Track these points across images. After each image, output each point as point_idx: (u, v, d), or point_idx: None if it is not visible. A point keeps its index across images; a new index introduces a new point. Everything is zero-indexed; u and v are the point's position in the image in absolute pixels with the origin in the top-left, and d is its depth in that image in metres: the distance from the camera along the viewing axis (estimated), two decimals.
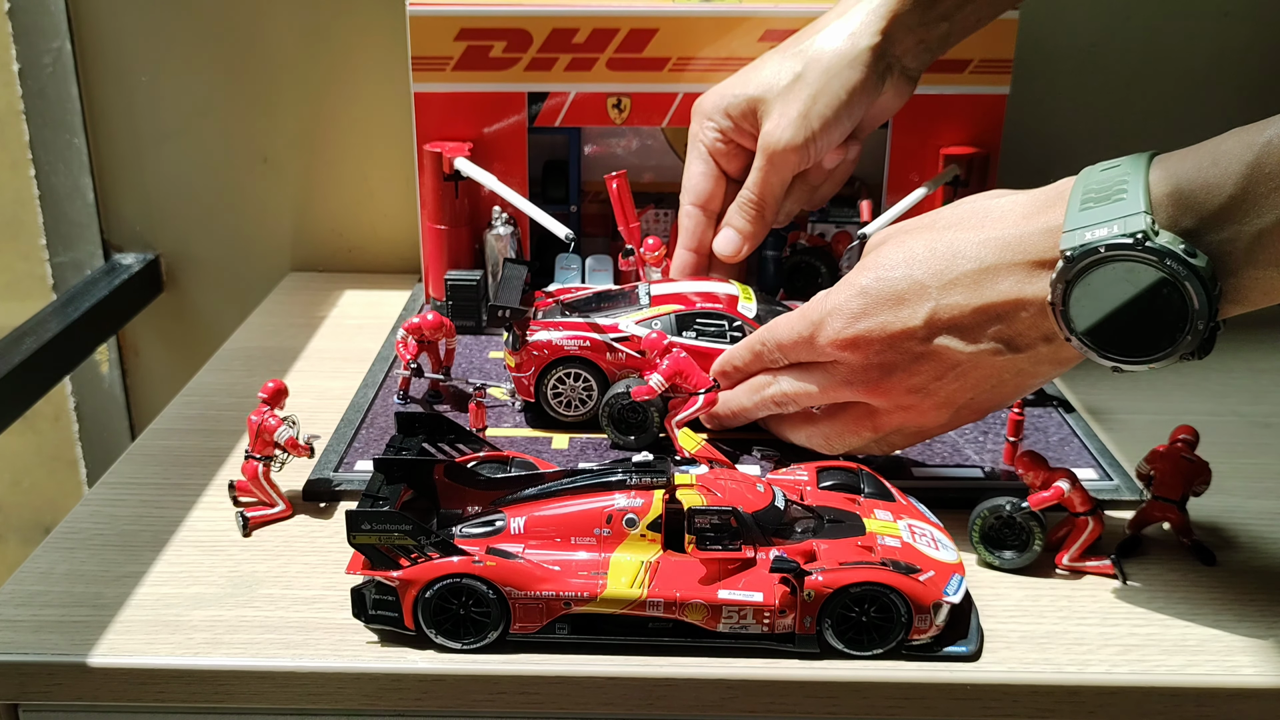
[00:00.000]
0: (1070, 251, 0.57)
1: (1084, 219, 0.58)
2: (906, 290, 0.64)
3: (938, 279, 0.63)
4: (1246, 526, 0.71)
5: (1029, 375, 0.64)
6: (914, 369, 0.65)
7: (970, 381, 0.65)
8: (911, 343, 0.64)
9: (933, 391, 0.66)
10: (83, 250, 1.14)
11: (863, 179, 1.01)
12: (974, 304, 0.62)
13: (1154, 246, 0.55)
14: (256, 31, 1.08)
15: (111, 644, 0.60)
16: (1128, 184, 0.57)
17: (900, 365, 0.65)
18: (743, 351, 0.74)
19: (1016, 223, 0.61)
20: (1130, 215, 0.56)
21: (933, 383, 0.65)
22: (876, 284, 0.65)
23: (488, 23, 0.91)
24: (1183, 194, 0.56)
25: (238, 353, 0.96)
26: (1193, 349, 0.57)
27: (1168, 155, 0.58)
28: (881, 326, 0.65)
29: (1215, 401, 0.87)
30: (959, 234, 0.63)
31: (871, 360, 0.66)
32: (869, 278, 0.66)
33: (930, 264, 0.63)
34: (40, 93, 1.09)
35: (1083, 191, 0.59)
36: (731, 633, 0.59)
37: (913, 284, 0.64)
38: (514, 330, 0.78)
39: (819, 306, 0.68)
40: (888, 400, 0.67)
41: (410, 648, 0.59)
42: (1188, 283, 0.55)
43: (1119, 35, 1.07)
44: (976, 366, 0.64)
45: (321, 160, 1.12)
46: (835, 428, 0.71)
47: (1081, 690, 0.58)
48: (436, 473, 0.65)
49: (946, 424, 0.68)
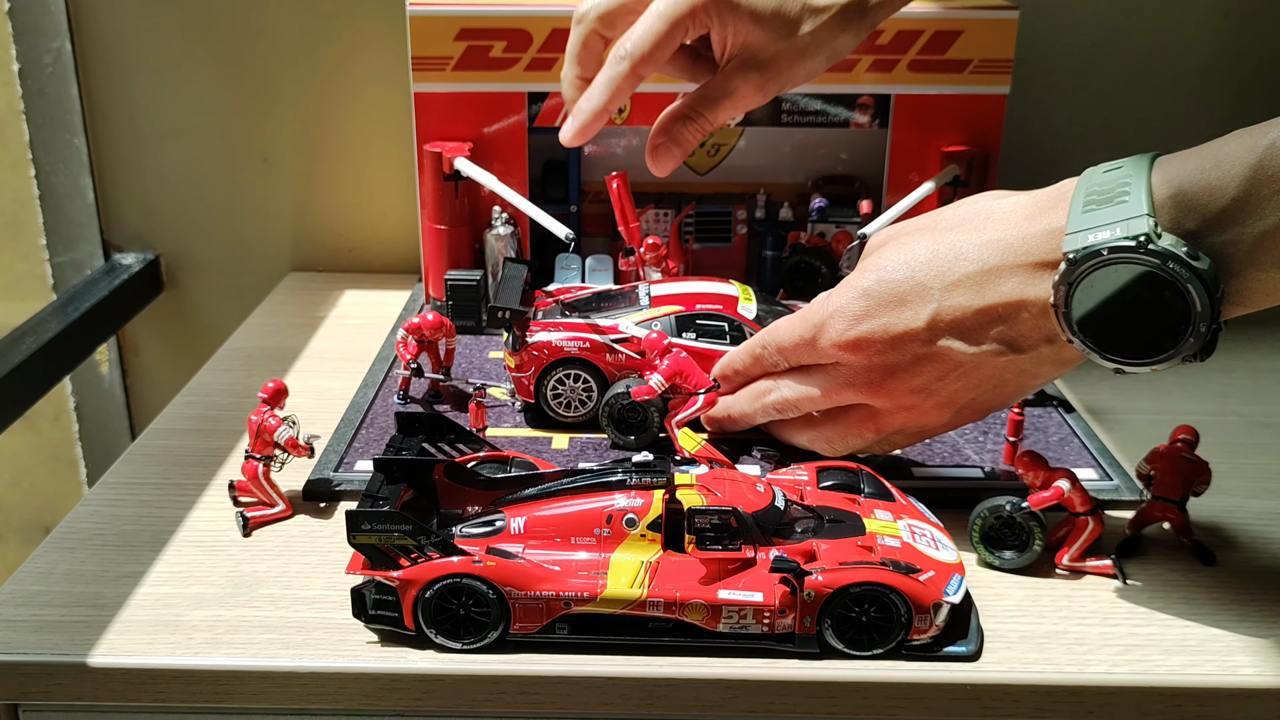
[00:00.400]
0: (1073, 254, 0.57)
1: (1086, 221, 0.58)
2: (909, 292, 0.64)
3: (940, 280, 0.63)
4: (1246, 526, 0.71)
5: (1031, 376, 0.64)
6: (916, 370, 0.65)
7: (972, 382, 0.65)
8: (914, 344, 0.64)
9: (935, 392, 0.66)
10: (83, 250, 1.14)
11: (863, 179, 1.01)
12: (976, 305, 0.62)
13: (1156, 249, 0.55)
14: (256, 32, 1.08)
15: (111, 644, 0.60)
16: (1130, 186, 0.57)
17: (903, 366, 0.65)
18: (743, 355, 0.74)
19: (1019, 224, 0.61)
20: (1133, 218, 0.56)
21: (935, 383, 0.65)
22: (878, 286, 0.65)
23: (488, 23, 0.91)
24: (1185, 196, 0.56)
25: (238, 353, 0.96)
26: (1195, 351, 0.57)
27: (1170, 157, 0.58)
28: (884, 328, 0.65)
29: (1215, 401, 0.87)
30: (961, 235, 0.63)
31: (874, 361, 0.66)
32: (871, 279, 0.66)
33: (932, 265, 0.63)
34: (40, 93, 1.09)
35: (1085, 193, 0.59)
36: (731, 633, 0.59)
37: (915, 285, 0.64)
38: (514, 331, 0.78)
39: (820, 309, 0.68)
40: (890, 401, 0.67)
41: (410, 648, 0.59)
42: (1190, 285, 0.55)
43: (1119, 35, 1.07)
44: (979, 367, 0.64)
45: (321, 160, 1.12)
46: (837, 429, 0.71)
47: (1082, 690, 0.58)
48: (436, 473, 0.65)
49: (948, 424, 0.68)
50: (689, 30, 0.77)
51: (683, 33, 0.77)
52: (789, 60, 0.78)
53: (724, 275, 0.86)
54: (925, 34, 0.91)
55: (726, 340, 0.79)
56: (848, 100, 0.95)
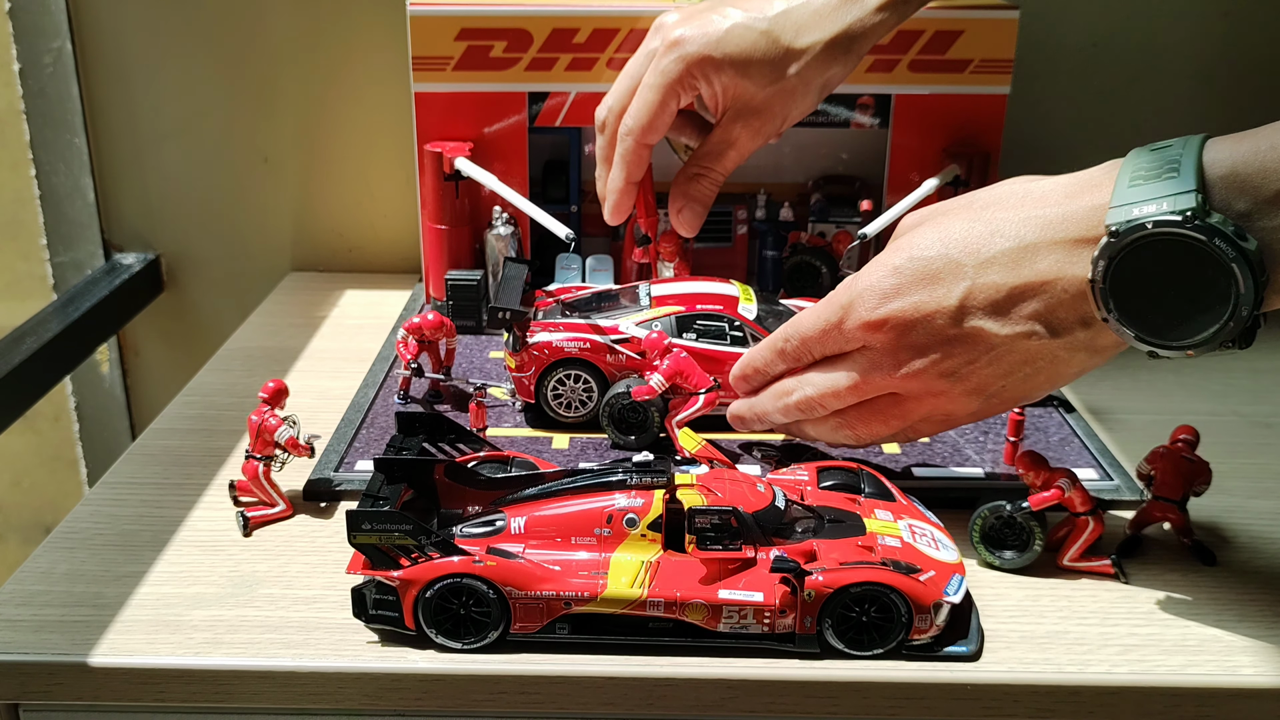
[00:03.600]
0: (1116, 227, 0.56)
1: (1132, 195, 0.56)
2: (942, 269, 0.62)
3: (974, 257, 0.61)
4: (1246, 526, 0.71)
5: (1063, 364, 0.62)
6: (947, 352, 0.63)
7: (1003, 367, 0.63)
8: (945, 323, 0.62)
9: (965, 376, 0.64)
10: (83, 250, 1.14)
11: (863, 179, 1.01)
12: (1011, 283, 0.60)
13: (1204, 225, 0.54)
14: (256, 32, 1.08)
15: (112, 644, 0.60)
16: (1180, 163, 0.56)
17: (932, 348, 0.63)
18: (764, 352, 0.72)
19: (1059, 202, 0.60)
20: (1181, 193, 0.55)
21: (965, 367, 0.63)
22: (910, 263, 0.63)
23: (488, 23, 0.91)
24: (1238, 177, 0.54)
25: (238, 353, 0.96)
26: (1233, 336, 0.55)
27: (1223, 138, 0.56)
28: (915, 306, 0.63)
29: (1215, 401, 0.87)
30: (998, 213, 0.62)
31: (903, 342, 0.64)
32: (903, 257, 0.64)
33: (967, 242, 0.62)
34: (40, 93, 1.09)
35: (1131, 170, 0.58)
36: (732, 633, 0.59)
37: (948, 262, 0.62)
38: (514, 331, 0.78)
39: (847, 290, 0.66)
40: (918, 384, 0.65)
41: (410, 648, 0.59)
42: (1236, 265, 0.54)
43: (1119, 35, 1.07)
44: (1011, 350, 0.62)
45: (321, 160, 1.12)
46: (862, 416, 0.69)
47: (1082, 690, 0.58)
48: (437, 473, 0.65)
49: (976, 412, 0.66)
50: (680, 96, 0.80)
51: (675, 99, 0.80)
52: (780, 103, 0.80)
53: (724, 275, 0.86)
54: (925, 34, 0.92)
55: (726, 340, 0.79)
56: (848, 100, 0.95)
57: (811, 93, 0.81)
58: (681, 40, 0.79)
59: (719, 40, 0.78)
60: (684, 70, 0.78)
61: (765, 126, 0.81)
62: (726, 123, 0.81)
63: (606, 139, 0.85)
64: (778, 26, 0.78)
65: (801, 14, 0.78)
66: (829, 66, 0.79)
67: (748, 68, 0.78)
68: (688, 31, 0.79)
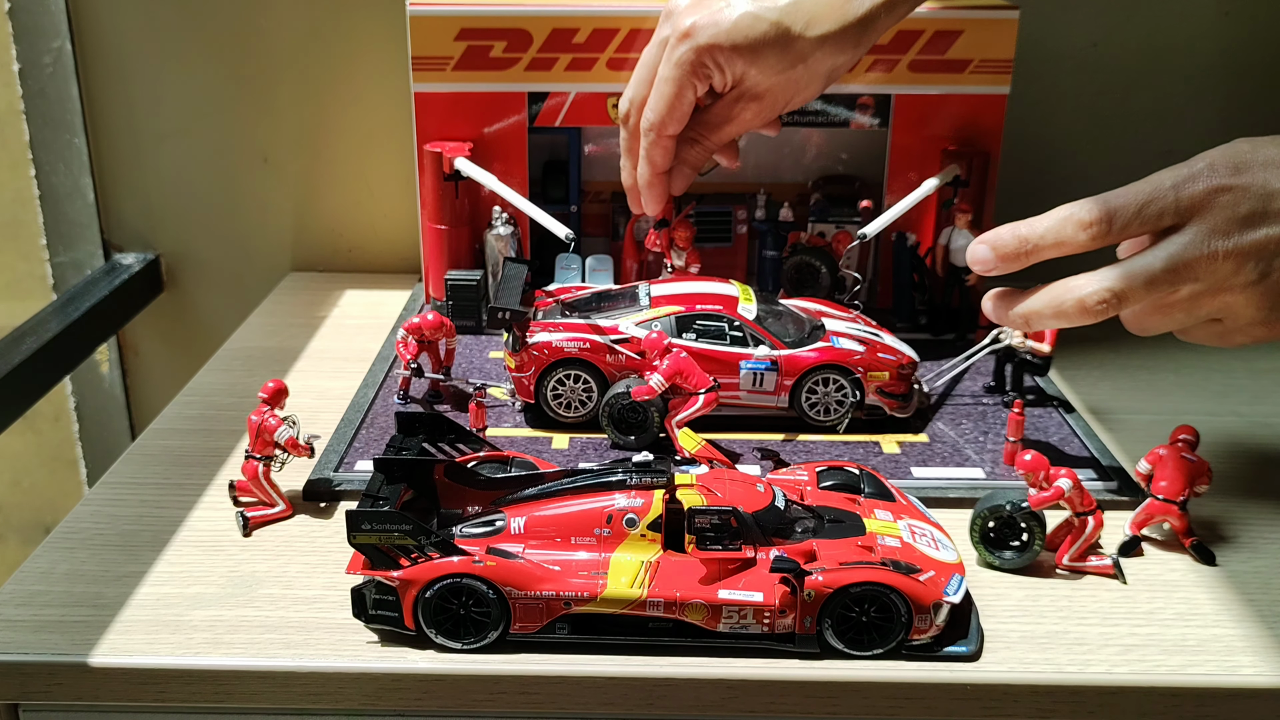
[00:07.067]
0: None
1: None
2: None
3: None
4: (1246, 526, 0.71)
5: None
6: (1273, 235, 0.61)
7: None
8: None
9: (1271, 271, 0.61)
10: (83, 250, 1.14)
11: (863, 179, 1.01)
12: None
13: None
14: (256, 32, 1.08)
15: (112, 644, 0.60)
16: None
17: (1267, 220, 0.61)
18: (1055, 226, 0.64)
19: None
20: None
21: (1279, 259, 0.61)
22: (1253, 149, 0.62)
23: (488, 23, 0.91)
24: None
25: (238, 353, 0.96)
26: None
27: None
28: (1263, 183, 0.61)
29: (1215, 401, 0.87)
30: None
31: (1236, 213, 0.61)
32: (1246, 144, 0.63)
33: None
34: (40, 93, 1.09)
35: None
36: (732, 633, 0.59)
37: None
38: (514, 331, 0.78)
39: (1176, 169, 0.63)
40: (1231, 265, 0.61)
41: (410, 648, 0.59)
42: None
43: (1119, 35, 1.07)
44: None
45: (321, 160, 1.12)
46: (1146, 304, 0.64)
47: (1082, 690, 0.58)
48: (436, 473, 0.65)
49: (1263, 321, 0.63)
50: (696, 86, 0.81)
51: (691, 89, 0.81)
52: (784, 89, 0.81)
53: (724, 275, 0.86)
54: (925, 34, 0.91)
55: (726, 340, 0.79)
56: (848, 100, 0.95)
57: (817, 81, 0.82)
58: (693, 30, 0.79)
59: (729, 29, 0.79)
60: (696, 59, 0.79)
61: (767, 110, 0.83)
62: (730, 99, 0.82)
63: (630, 132, 0.86)
64: (788, 17, 0.79)
65: (811, 4, 0.79)
66: (837, 56, 0.80)
67: (758, 57, 0.79)
68: (698, 20, 0.80)
